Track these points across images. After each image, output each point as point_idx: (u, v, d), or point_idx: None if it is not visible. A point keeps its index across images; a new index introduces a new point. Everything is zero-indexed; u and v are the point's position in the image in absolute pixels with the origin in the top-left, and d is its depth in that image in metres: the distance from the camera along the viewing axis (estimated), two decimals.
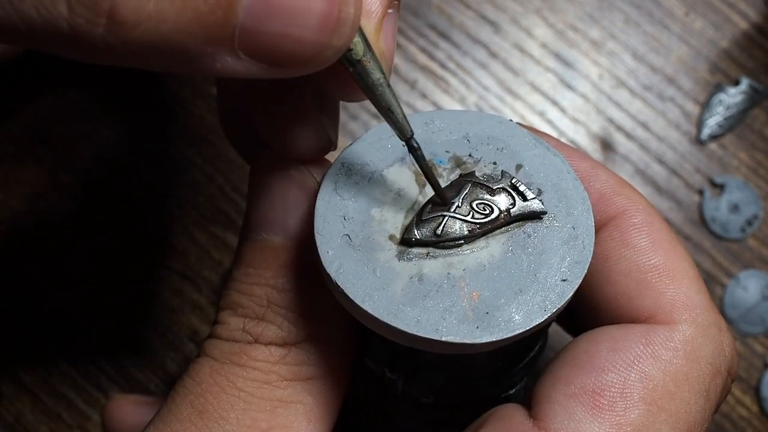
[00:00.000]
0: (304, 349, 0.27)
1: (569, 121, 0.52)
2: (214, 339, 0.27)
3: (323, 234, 0.25)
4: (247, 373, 0.26)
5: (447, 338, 0.23)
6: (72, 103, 0.51)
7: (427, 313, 0.23)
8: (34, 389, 0.47)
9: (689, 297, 0.27)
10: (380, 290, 0.24)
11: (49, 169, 0.50)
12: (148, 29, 0.18)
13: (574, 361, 0.26)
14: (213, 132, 0.51)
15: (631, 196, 0.28)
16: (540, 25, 0.54)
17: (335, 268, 0.24)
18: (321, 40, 0.20)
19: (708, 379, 0.26)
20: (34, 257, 0.49)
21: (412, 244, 0.25)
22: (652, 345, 0.25)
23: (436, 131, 0.27)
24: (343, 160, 0.27)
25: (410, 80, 0.52)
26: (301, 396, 0.26)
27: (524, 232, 0.25)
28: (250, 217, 0.28)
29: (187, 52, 0.19)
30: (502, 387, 0.28)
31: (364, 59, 0.23)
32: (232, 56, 0.20)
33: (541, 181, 0.26)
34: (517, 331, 0.23)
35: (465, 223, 0.25)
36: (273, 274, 0.27)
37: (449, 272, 0.24)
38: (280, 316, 0.26)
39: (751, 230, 0.51)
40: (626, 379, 0.25)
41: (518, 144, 0.27)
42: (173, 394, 0.26)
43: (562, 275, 0.24)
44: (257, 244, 0.27)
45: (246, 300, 0.27)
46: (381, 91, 0.24)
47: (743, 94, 0.53)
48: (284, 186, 0.27)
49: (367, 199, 0.26)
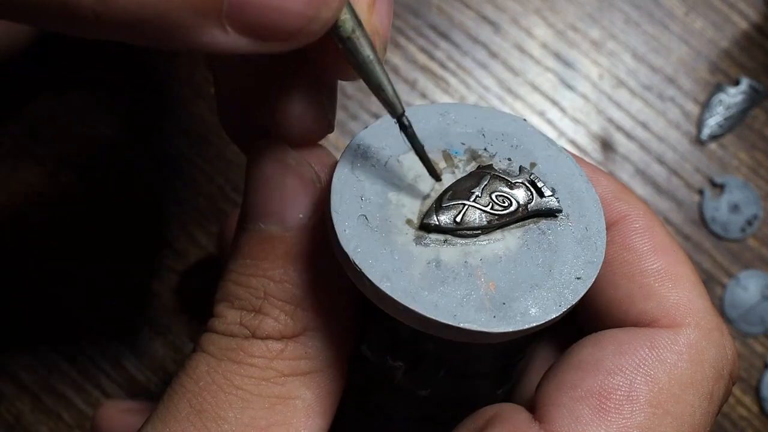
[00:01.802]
0: (302, 342, 0.26)
1: (569, 121, 0.52)
2: (210, 333, 0.27)
3: (339, 212, 0.25)
4: (244, 370, 0.26)
5: (464, 325, 0.23)
6: (72, 103, 0.51)
7: (445, 299, 0.23)
8: (34, 389, 0.47)
9: (692, 301, 0.27)
10: (398, 273, 0.24)
11: (49, 169, 0.50)
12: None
13: (580, 364, 0.26)
14: (213, 132, 0.51)
15: (631, 202, 0.28)
16: (540, 25, 0.54)
17: (353, 247, 0.24)
18: (308, 13, 0.20)
19: (711, 383, 0.26)
20: (34, 257, 0.49)
21: (431, 230, 0.25)
22: (657, 348, 0.25)
23: (452, 123, 0.28)
24: (359, 142, 0.27)
25: (410, 80, 0.52)
26: (299, 391, 0.26)
27: (539, 229, 0.26)
28: (246, 208, 0.27)
29: (174, 23, 0.19)
30: (494, 386, 0.29)
31: (353, 36, 0.23)
32: (219, 29, 0.20)
33: (554, 181, 0.27)
34: (532, 324, 0.23)
35: (484, 213, 0.25)
36: (270, 265, 0.26)
37: (466, 260, 0.25)
38: (277, 308, 0.26)
39: (751, 230, 0.51)
40: (632, 382, 0.25)
41: (532, 143, 0.27)
42: (170, 392, 0.26)
43: (577, 273, 0.25)
44: (254, 234, 0.27)
45: (243, 291, 0.26)
46: (371, 68, 0.23)
47: (743, 94, 0.53)
48: (281, 175, 0.27)
49: (384, 183, 0.26)
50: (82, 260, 0.49)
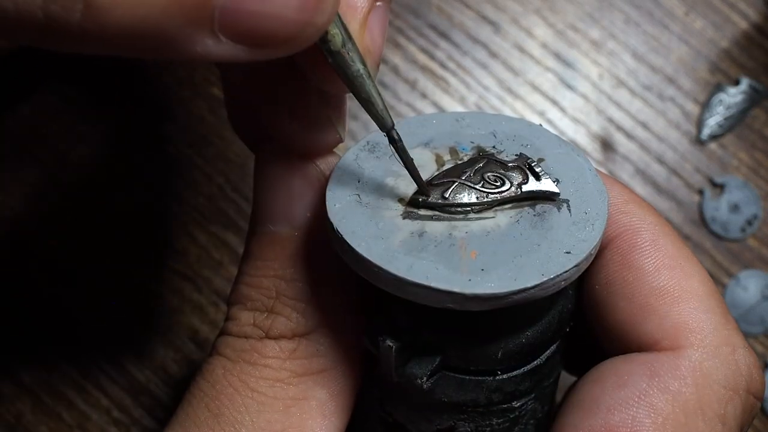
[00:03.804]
0: (314, 340, 0.26)
1: (569, 121, 0.52)
2: (225, 336, 0.27)
3: (334, 191, 0.25)
4: (258, 371, 0.26)
5: (436, 284, 0.22)
6: (72, 103, 0.51)
7: (420, 262, 0.23)
8: (34, 389, 0.47)
9: (696, 318, 0.25)
10: (378, 239, 0.24)
11: (49, 169, 0.50)
12: (126, 13, 0.18)
13: (581, 403, 0.25)
14: (213, 132, 0.51)
15: (636, 213, 0.27)
16: (540, 25, 0.54)
17: (338, 218, 0.25)
18: (302, 18, 0.20)
19: (723, 404, 0.25)
20: (34, 257, 0.49)
21: (419, 205, 0.25)
22: (657, 376, 0.24)
23: (465, 126, 0.28)
24: (369, 139, 0.27)
25: (410, 80, 0.52)
26: (313, 391, 0.26)
27: (535, 211, 0.25)
28: (256, 211, 0.28)
29: (166, 35, 0.19)
30: (505, 393, 0.27)
31: (342, 50, 0.23)
32: (212, 39, 0.19)
33: (560, 173, 0.26)
34: (509, 289, 0.23)
35: (474, 191, 0.25)
36: (281, 265, 0.27)
37: (451, 233, 0.25)
38: (288, 307, 0.26)
39: (751, 230, 0.51)
40: (635, 417, 0.24)
41: (543, 143, 0.27)
42: (189, 396, 0.26)
43: (567, 248, 0.24)
44: (264, 236, 0.27)
45: (255, 293, 0.27)
46: (360, 82, 0.23)
47: (743, 94, 0.53)
48: (288, 176, 0.27)
49: (385, 170, 0.26)
50: (82, 260, 0.49)
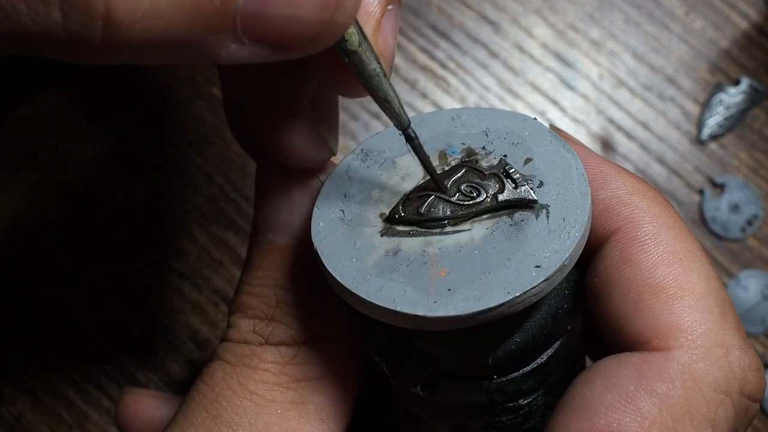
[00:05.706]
0: (314, 347, 0.27)
1: (569, 120, 0.52)
2: (226, 342, 0.27)
3: (321, 208, 0.26)
4: (258, 375, 0.26)
5: (401, 309, 0.23)
6: (72, 103, 0.51)
7: (390, 284, 0.24)
8: (34, 389, 0.47)
9: (689, 318, 0.24)
10: (353, 260, 0.25)
11: (49, 169, 0.50)
12: (147, 27, 0.18)
13: (571, 404, 0.24)
14: (213, 132, 0.51)
15: (639, 205, 0.26)
16: (540, 25, 0.54)
17: (320, 239, 0.25)
18: (324, 17, 0.20)
19: (713, 407, 0.24)
20: (34, 257, 0.49)
21: (395, 221, 0.26)
22: (645, 378, 0.24)
23: (459, 126, 0.28)
24: (363, 147, 0.28)
25: (410, 80, 0.52)
26: (312, 396, 0.26)
27: (512, 220, 0.25)
28: (256, 222, 0.28)
29: (189, 44, 0.19)
30: (508, 394, 0.27)
31: (359, 50, 0.23)
32: (236, 43, 0.20)
33: (546, 175, 0.26)
34: (473, 310, 0.23)
35: (449, 204, 0.25)
36: (281, 274, 0.27)
37: (425, 250, 0.25)
38: (288, 315, 0.27)
39: (751, 230, 0.51)
40: (621, 421, 0.23)
41: (534, 140, 0.27)
42: (188, 399, 0.27)
43: (537, 262, 0.23)
44: (264, 246, 0.28)
45: (255, 301, 0.27)
46: (378, 81, 0.24)
47: (743, 94, 0.53)
48: (288, 187, 0.28)
49: (372, 181, 0.27)
50: (82, 260, 0.49)
